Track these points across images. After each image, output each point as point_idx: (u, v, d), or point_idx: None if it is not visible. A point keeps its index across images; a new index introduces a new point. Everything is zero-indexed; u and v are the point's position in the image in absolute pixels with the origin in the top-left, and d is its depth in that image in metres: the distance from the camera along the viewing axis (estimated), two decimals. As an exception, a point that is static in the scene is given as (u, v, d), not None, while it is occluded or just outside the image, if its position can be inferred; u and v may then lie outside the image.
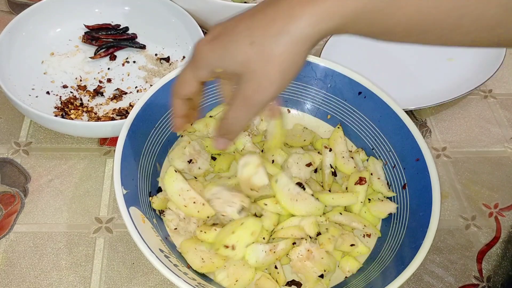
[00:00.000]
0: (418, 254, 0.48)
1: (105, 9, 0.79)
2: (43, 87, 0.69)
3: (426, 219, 0.51)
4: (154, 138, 0.58)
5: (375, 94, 0.61)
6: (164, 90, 0.58)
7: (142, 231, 0.48)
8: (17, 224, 0.58)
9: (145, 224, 0.50)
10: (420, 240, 0.50)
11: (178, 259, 0.51)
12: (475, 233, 0.64)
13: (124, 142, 0.53)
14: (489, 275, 0.60)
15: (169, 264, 0.46)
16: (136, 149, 0.55)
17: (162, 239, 0.51)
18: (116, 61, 0.75)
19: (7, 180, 0.62)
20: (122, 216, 0.48)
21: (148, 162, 0.57)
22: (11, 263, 0.55)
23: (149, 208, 0.54)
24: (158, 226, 0.53)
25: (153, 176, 0.58)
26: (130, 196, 0.50)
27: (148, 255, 0.45)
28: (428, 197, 0.53)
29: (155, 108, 0.58)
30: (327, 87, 0.64)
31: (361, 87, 0.61)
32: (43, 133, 0.67)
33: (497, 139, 0.74)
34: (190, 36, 0.75)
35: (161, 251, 0.48)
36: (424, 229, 0.50)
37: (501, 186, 0.68)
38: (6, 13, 0.81)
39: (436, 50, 0.83)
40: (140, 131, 0.56)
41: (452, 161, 0.71)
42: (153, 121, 0.58)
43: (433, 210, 0.52)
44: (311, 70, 0.64)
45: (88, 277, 0.55)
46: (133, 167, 0.54)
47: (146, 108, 0.56)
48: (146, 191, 0.55)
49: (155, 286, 0.55)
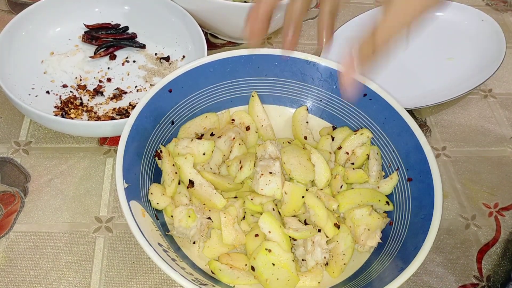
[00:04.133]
0: (417, 256, 0.48)
1: (105, 9, 0.79)
2: (43, 87, 0.69)
3: (427, 221, 0.51)
4: (158, 133, 0.59)
5: (381, 97, 0.60)
6: (171, 85, 0.59)
7: (142, 225, 0.48)
8: (17, 223, 0.58)
9: (145, 218, 0.50)
10: (421, 243, 0.49)
11: (177, 253, 0.51)
12: (475, 232, 0.64)
13: (128, 136, 0.53)
14: (489, 275, 0.60)
15: (167, 258, 0.47)
16: (140, 143, 0.55)
17: (161, 234, 0.52)
18: (116, 61, 0.75)
19: (7, 179, 0.62)
20: (122, 210, 0.48)
21: (151, 157, 0.57)
22: (11, 263, 0.55)
23: (150, 203, 0.55)
24: (159, 222, 0.54)
25: (156, 172, 0.58)
26: (131, 190, 0.51)
27: (146, 248, 0.46)
28: (430, 200, 0.53)
29: (161, 103, 0.58)
30: (333, 88, 0.64)
31: (367, 89, 0.61)
32: (43, 133, 0.67)
33: (497, 139, 0.74)
34: (190, 36, 0.75)
35: (160, 245, 0.48)
36: (425, 232, 0.50)
37: (501, 186, 0.69)
38: (6, 13, 0.81)
39: (436, 50, 0.83)
40: (145, 126, 0.56)
41: (452, 161, 0.71)
42: (158, 116, 0.58)
43: (435, 213, 0.51)
44: (316, 71, 0.63)
45: (88, 276, 0.55)
46: (135, 161, 0.54)
47: (151, 103, 0.57)
48: (148, 185, 0.56)
49: (155, 285, 0.55)
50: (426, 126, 0.74)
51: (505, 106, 0.79)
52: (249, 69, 0.63)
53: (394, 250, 0.53)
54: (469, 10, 0.85)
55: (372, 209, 0.55)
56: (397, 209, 0.58)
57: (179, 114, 0.61)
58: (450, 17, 0.86)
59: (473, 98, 0.79)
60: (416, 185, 0.56)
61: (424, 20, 0.43)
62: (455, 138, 0.74)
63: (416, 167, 0.56)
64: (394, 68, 0.80)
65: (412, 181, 0.57)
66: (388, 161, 0.61)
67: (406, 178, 0.57)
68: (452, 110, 0.77)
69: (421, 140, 0.57)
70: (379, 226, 0.55)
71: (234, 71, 0.63)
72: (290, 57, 0.63)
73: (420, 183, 0.55)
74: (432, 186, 0.53)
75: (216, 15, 0.73)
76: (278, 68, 0.64)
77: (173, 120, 0.61)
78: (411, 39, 0.46)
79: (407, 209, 0.56)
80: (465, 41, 0.84)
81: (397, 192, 0.59)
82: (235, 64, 0.62)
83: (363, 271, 0.54)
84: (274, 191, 0.54)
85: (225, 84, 0.63)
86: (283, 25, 0.54)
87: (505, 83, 0.82)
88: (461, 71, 0.79)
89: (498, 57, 0.77)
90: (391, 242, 0.55)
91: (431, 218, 0.51)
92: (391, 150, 0.60)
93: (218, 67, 0.62)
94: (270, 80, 0.65)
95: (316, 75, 0.64)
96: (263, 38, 0.53)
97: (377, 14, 0.45)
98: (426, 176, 0.55)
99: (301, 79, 0.64)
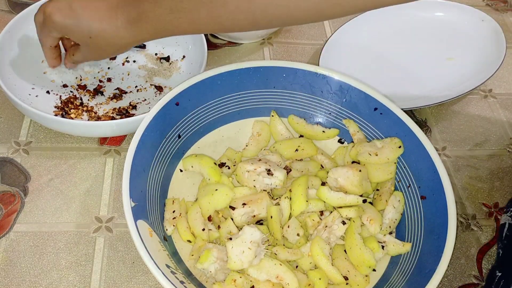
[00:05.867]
0: (432, 280, 0.47)
1: (105, 9, 0.78)
2: (43, 87, 0.69)
3: (441, 242, 0.50)
4: (164, 149, 0.58)
5: (391, 111, 0.59)
6: (178, 98, 0.58)
7: (149, 246, 0.47)
8: (17, 223, 0.58)
9: (153, 238, 0.49)
10: (435, 265, 0.48)
11: (185, 274, 0.50)
12: (475, 232, 0.64)
13: (134, 153, 0.52)
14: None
15: (175, 280, 0.46)
16: (146, 158, 0.54)
17: (169, 254, 0.51)
18: (116, 61, 0.75)
19: (7, 179, 0.62)
20: (129, 230, 0.47)
21: (158, 173, 0.57)
22: (11, 263, 0.55)
23: (157, 221, 0.54)
24: (166, 242, 0.53)
25: (162, 189, 0.57)
26: (138, 209, 0.49)
27: (154, 271, 0.45)
28: (444, 221, 0.51)
29: (168, 117, 0.58)
30: (342, 101, 0.63)
31: (377, 103, 0.60)
32: (43, 133, 0.67)
33: (497, 139, 0.74)
34: (190, 36, 0.75)
35: (168, 267, 0.48)
36: (439, 254, 0.49)
37: (501, 186, 0.69)
38: (6, 13, 0.81)
39: (436, 50, 0.83)
40: (151, 140, 0.55)
41: (452, 161, 0.71)
42: (165, 130, 0.58)
43: (449, 233, 0.50)
44: (326, 84, 0.63)
45: (88, 276, 0.55)
46: (142, 177, 0.53)
47: (158, 116, 0.56)
48: (156, 203, 0.55)
49: (155, 285, 0.55)
50: (426, 126, 0.74)
51: (505, 106, 0.79)
52: (257, 81, 0.62)
53: (406, 274, 0.52)
54: (469, 10, 0.85)
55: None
56: (409, 227, 0.56)
57: (186, 127, 0.61)
58: (450, 17, 0.86)
59: (473, 98, 0.79)
60: (428, 203, 0.55)
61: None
62: (455, 138, 0.74)
63: (428, 184, 0.55)
64: (394, 68, 0.80)
65: (425, 199, 0.55)
66: (398, 177, 0.59)
67: (419, 195, 0.56)
68: (452, 110, 0.77)
69: (434, 156, 0.55)
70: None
71: (242, 83, 0.62)
72: (299, 69, 0.62)
73: (433, 200, 0.54)
74: (445, 202, 0.52)
75: (216, 15, 0.73)
76: (286, 80, 0.63)
77: (180, 133, 0.60)
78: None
79: (419, 230, 0.55)
80: (465, 41, 0.84)
81: (408, 209, 0.57)
82: (243, 76, 0.62)
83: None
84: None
85: (233, 96, 0.63)
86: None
87: (505, 83, 0.82)
88: (461, 71, 0.79)
89: (498, 57, 0.77)
90: (403, 265, 0.53)
91: (445, 237, 0.50)
92: (402, 166, 0.59)
93: (225, 79, 0.61)
94: (278, 92, 0.64)
95: (326, 88, 0.63)
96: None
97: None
98: (439, 194, 0.53)
99: (310, 92, 0.64)
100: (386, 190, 0.59)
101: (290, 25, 0.76)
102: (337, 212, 0.55)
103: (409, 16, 0.86)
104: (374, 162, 0.59)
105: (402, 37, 0.85)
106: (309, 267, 0.54)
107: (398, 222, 0.58)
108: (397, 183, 0.60)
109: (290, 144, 0.63)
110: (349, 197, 0.55)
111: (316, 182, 0.58)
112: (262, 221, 0.56)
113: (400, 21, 0.86)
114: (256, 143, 0.64)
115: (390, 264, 0.55)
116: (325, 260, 0.52)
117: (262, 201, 0.55)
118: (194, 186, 0.60)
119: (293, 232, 0.54)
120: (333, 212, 0.55)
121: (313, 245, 0.53)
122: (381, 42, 0.84)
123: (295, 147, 0.62)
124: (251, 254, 0.50)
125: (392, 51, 0.83)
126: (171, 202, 0.57)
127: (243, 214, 0.54)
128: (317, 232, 0.54)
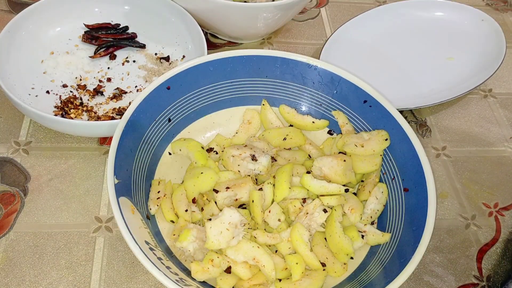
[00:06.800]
0: (406, 268, 0.48)
1: (105, 8, 0.79)
2: (43, 87, 0.69)
3: (419, 233, 0.51)
4: (154, 130, 0.59)
5: (380, 104, 0.60)
6: (169, 83, 0.59)
7: (129, 221, 0.48)
8: (17, 223, 0.58)
9: (135, 215, 0.50)
10: (411, 255, 0.49)
11: (165, 253, 0.51)
12: (475, 232, 0.64)
13: (122, 133, 0.53)
14: (489, 274, 0.60)
15: (152, 256, 0.46)
16: (134, 139, 0.55)
17: (150, 232, 0.51)
18: (116, 61, 0.75)
19: (7, 179, 0.62)
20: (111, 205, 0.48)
21: (146, 154, 0.57)
22: (11, 262, 0.55)
23: (142, 200, 0.55)
24: (149, 221, 0.54)
25: (149, 170, 0.58)
26: (121, 186, 0.50)
27: (131, 246, 0.45)
28: (423, 214, 0.52)
29: (158, 100, 0.58)
30: (333, 93, 0.63)
31: (367, 96, 0.61)
32: (43, 133, 0.67)
33: (497, 139, 0.74)
34: (190, 36, 0.75)
35: (147, 243, 0.48)
36: (415, 244, 0.50)
37: (501, 186, 0.69)
38: (6, 12, 0.81)
39: (436, 50, 0.83)
40: (140, 121, 0.56)
41: (452, 161, 0.71)
42: (155, 113, 0.58)
43: (427, 225, 0.51)
44: (317, 75, 0.63)
45: (88, 276, 0.55)
46: (129, 157, 0.54)
47: (148, 99, 0.57)
48: (141, 183, 0.56)
49: (155, 285, 0.55)
50: (426, 126, 0.74)
51: (505, 106, 0.79)
52: (250, 69, 0.63)
53: (383, 262, 0.52)
54: (469, 10, 0.86)
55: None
56: (391, 217, 0.57)
57: (177, 111, 0.61)
58: (450, 17, 0.86)
59: (473, 98, 0.79)
60: (410, 195, 0.55)
61: None
62: (455, 138, 0.74)
63: (412, 177, 0.56)
64: (395, 68, 0.80)
65: (408, 191, 0.56)
66: (384, 169, 0.60)
67: (402, 187, 0.57)
68: (452, 110, 0.77)
69: (418, 150, 0.56)
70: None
71: (235, 71, 0.63)
72: (292, 60, 0.63)
73: (415, 194, 0.55)
74: (426, 198, 0.53)
75: (216, 15, 0.73)
76: (279, 70, 0.63)
77: (170, 117, 0.61)
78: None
79: (401, 218, 0.55)
80: (465, 41, 0.84)
81: (391, 200, 0.58)
82: (235, 64, 0.62)
83: (352, 280, 0.53)
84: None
85: (224, 83, 0.63)
86: None
87: (505, 83, 0.82)
88: (461, 71, 0.79)
89: (498, 57, 0.77)
90: (381, 254, 0.54)
91: (423, 231, 0.50)
92: (388, 159, 0.59)
93: (218, 66, 0.62)
94: (270, 81, 0.65)
95: (317, 79, 0.63)
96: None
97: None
98: (421, 187, 0.54)
99: (302, 82, 0.64)
100: (371, 182, 0.59)
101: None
102: (319, 200, 0.55)
103: (409, 16, 0.86)
104: (359, 153, 0.59)
105: (402, 37, 0.85)
106: (288, 252, 0.54)
107: (380, 213, 0.58)
108: (383, 175, 0.60)
109: (279, 132, 0.63)
110: (331, 186, 0.56)
111: (302, 170, 0.59)
112: (245, 205, 0.57)
113: (400, 21, 0.86)
114: (246, 131, 0.65)
115: (369, 253, 0.56)
116: (303, 246, 0.53)
117: (245, 185, 0.56)
118: (182, 169, 0.61)
119: (274, 217, 0.55)
120: (314, 200, 0.56)
121: (293, 230, 0.53)
122: (381, 42, 0.84)
123: (283, 136, 0.63)
124: (228, 235, 0.50)
125: (392, 51, 0.83)
126: (156, 183, 0.57)
127: (226, 198, 0.55)
128: (298, 218, 0.55)
